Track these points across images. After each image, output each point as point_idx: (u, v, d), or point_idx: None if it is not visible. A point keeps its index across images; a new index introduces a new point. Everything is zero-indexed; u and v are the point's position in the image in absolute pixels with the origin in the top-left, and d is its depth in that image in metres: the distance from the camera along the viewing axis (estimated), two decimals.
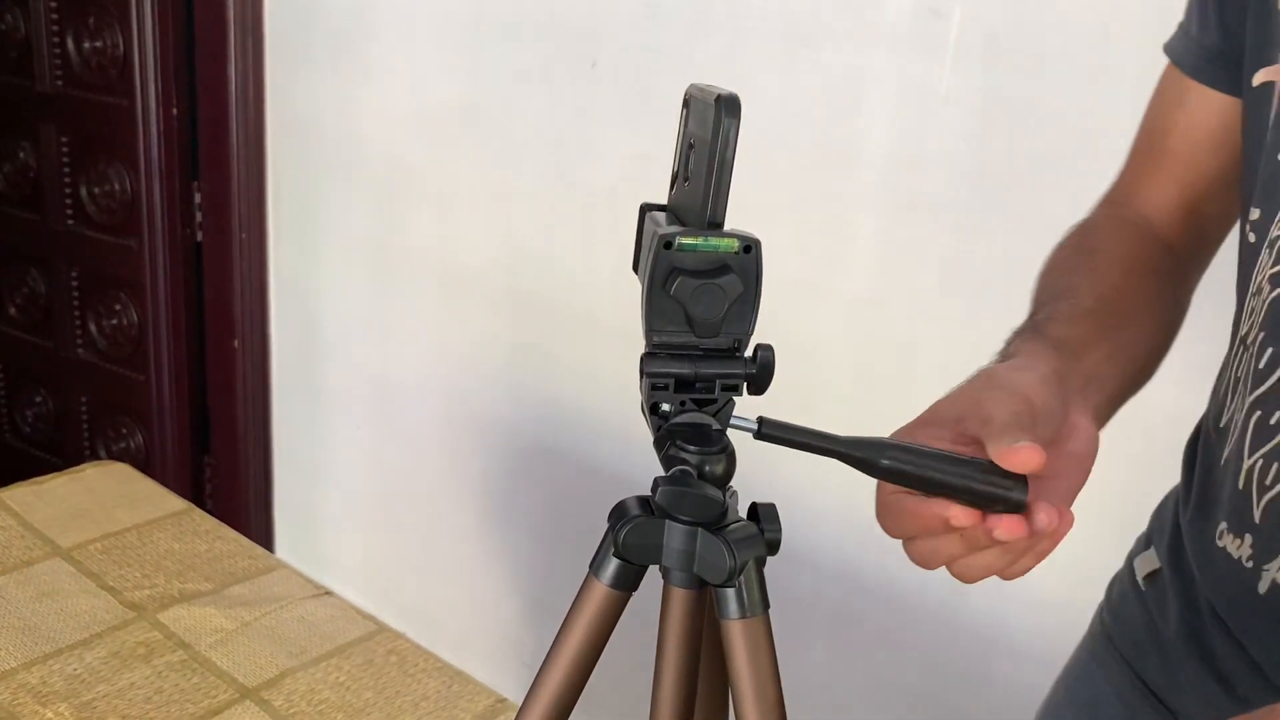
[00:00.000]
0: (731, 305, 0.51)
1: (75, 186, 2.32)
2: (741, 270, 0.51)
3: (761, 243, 0.51)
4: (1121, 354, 0.66)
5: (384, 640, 1.16)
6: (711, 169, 0.50)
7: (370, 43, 1.87)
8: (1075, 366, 0.60)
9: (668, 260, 0.50)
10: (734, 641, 0.55)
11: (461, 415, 1.94)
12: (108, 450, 2.49)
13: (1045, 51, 1.22)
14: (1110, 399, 0.64)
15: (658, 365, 0.52)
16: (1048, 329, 0.63)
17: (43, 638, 1.10)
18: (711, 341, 0.52)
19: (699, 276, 0.50)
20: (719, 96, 0.50)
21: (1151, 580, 0.77)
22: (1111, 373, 0.64)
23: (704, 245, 0.50)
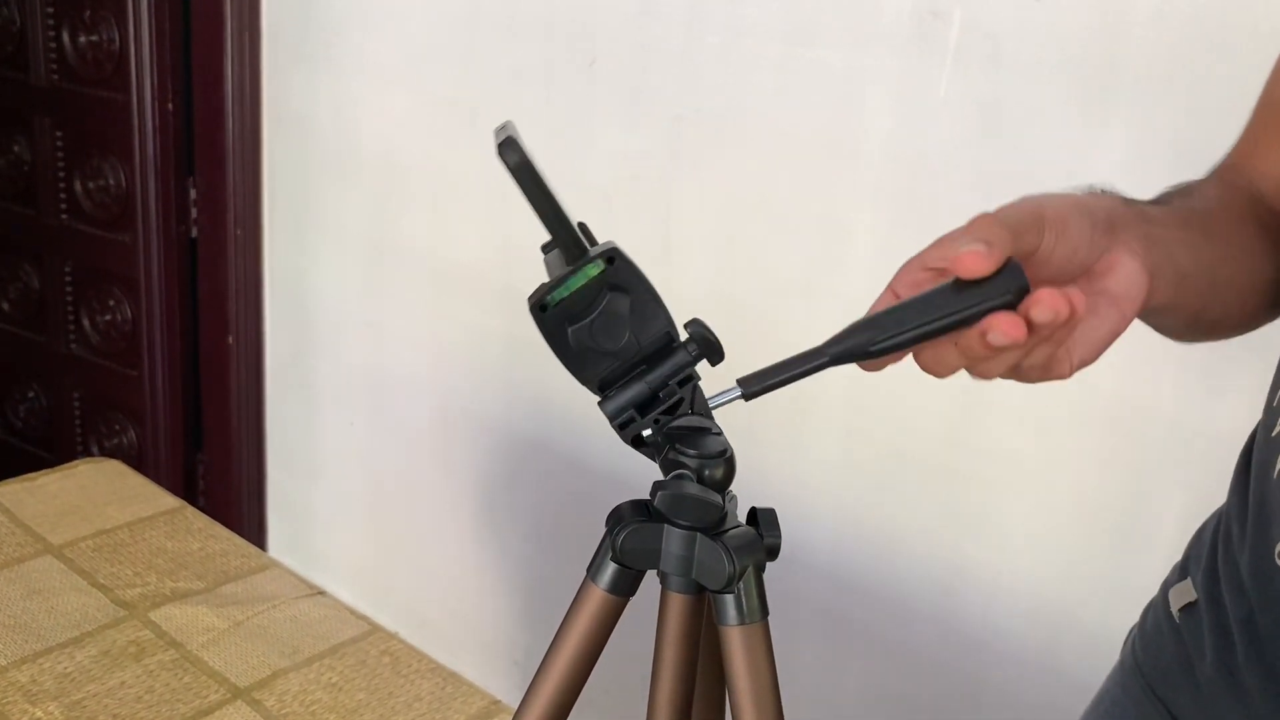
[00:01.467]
0: (633, 315, 0.51)
1: (70, 181, 2.30)
2: (618, 282, 0.50)
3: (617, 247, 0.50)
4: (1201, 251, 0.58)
5: (377, 641, 1.16)
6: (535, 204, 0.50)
7: (366, 39, 1.87)
8: (1141, 224, 0.54)
9: (550, 321, 0.50)
10: (732, 648, 0.54)
11: (456, 413, 1.93)
12: (100, 446, 2.47)
13: (1045, 53, 1.22)
14: (1180, 276, 0.56)
15: (613, 404, 0.52)
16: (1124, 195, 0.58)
17: (33, 636, 1.09)
18: (644, 350, 0.51)
19: (585, 315, 0.50)
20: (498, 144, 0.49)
21: (1187, 612, 0.73)
22: (1186, 254, 0.57)
23: (570, 286, 0.50)
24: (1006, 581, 1.37)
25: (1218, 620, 0.69)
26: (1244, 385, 1.16)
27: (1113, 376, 1.24)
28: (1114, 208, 0.54)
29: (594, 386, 0.52)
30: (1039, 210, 0.50)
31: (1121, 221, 0.53)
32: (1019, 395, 1.30)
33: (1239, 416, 1.15)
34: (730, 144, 1.48)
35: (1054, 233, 0.50)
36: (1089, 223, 0.51)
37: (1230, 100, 1.13)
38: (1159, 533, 1.23)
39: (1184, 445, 1.21)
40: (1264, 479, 0.66)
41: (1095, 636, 1.30)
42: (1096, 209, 0.53)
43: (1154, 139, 1.17)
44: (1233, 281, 0.63)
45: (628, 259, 0.50)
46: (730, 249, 1.50)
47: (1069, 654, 1.33)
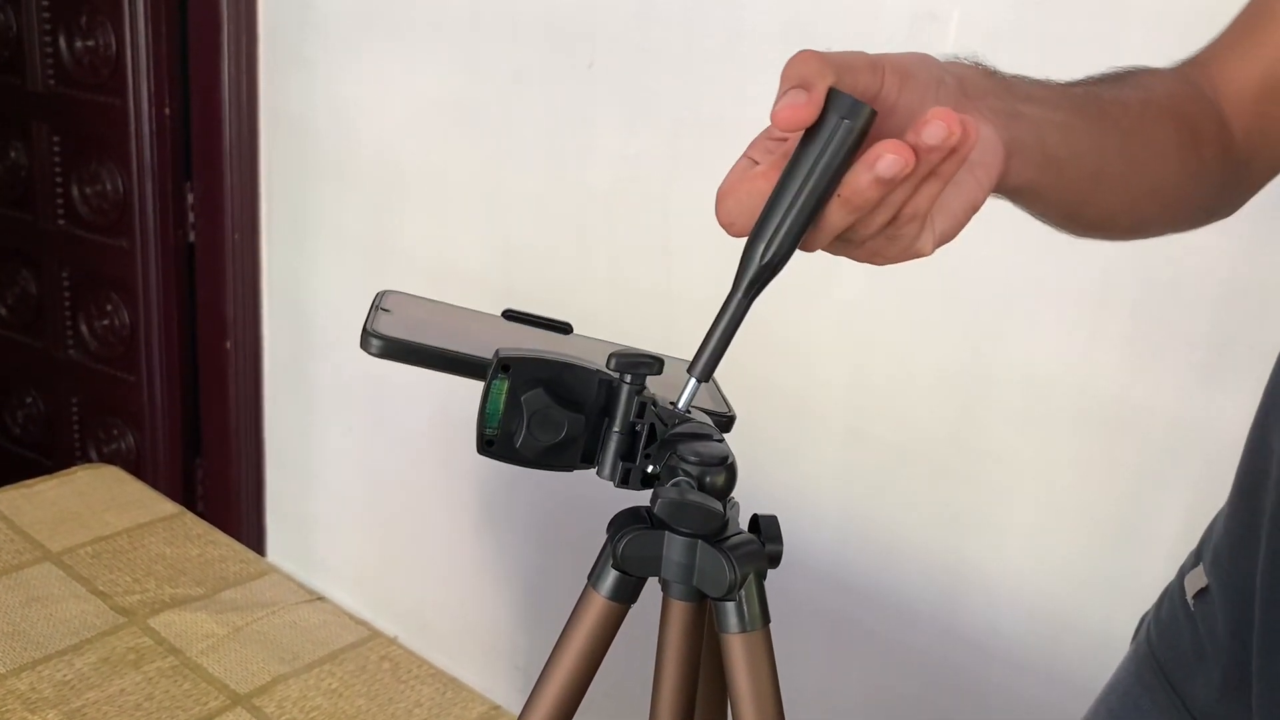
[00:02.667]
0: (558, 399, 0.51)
1: (67, 186, 2.30)
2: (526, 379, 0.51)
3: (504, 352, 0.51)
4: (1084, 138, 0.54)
5: (377, 646, 1.15)
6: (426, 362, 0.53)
7: (364, 42, 1.86)
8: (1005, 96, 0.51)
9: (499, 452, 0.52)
10: (734, 655, 0.54)
11: (455, 418, 1.93)
12: (98, 452, 2.47)
13: (1043, 56, 1.21)
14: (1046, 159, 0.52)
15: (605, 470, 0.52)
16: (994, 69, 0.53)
17: (32, 643, 1.09)
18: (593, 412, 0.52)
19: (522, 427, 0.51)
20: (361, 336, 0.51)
21: (1200, 598, 0.73)
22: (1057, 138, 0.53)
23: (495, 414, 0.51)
24: (1007, 583, 1.36)
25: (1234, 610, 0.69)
26: (1245, 385, 1.15)
27: (1113, 377, 1.23)
28: (970, 75, 0.50)
29: (579, 465, 0.52)
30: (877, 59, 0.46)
31: (976, 90, 0.50)
32: (1019, 396, 1.30)
33: (1240, 417, 1.15)
34: (730, 146, 1.47)
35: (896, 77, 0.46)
36: (935, 79, 0.48)
37: None
38: (1160, 533, 1.23)
39: (1184, 445, 1.21)
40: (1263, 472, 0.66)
41: (1096, 637, 1.30)
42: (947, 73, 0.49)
43: None
44: (1124, 180, 0.59)
45: (521, 355, 0.51)
46: (729, 251, 1.50)
47: (1070, 655, 1.33)
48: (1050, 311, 1.27)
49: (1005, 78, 0.53)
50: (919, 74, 0.47)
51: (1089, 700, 0.86)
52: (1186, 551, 0.81)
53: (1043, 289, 1.27)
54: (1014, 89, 0.53)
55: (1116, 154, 0.57)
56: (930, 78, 0.48)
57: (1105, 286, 1.23)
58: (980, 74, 0.52)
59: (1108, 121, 0.57)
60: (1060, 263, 1.24)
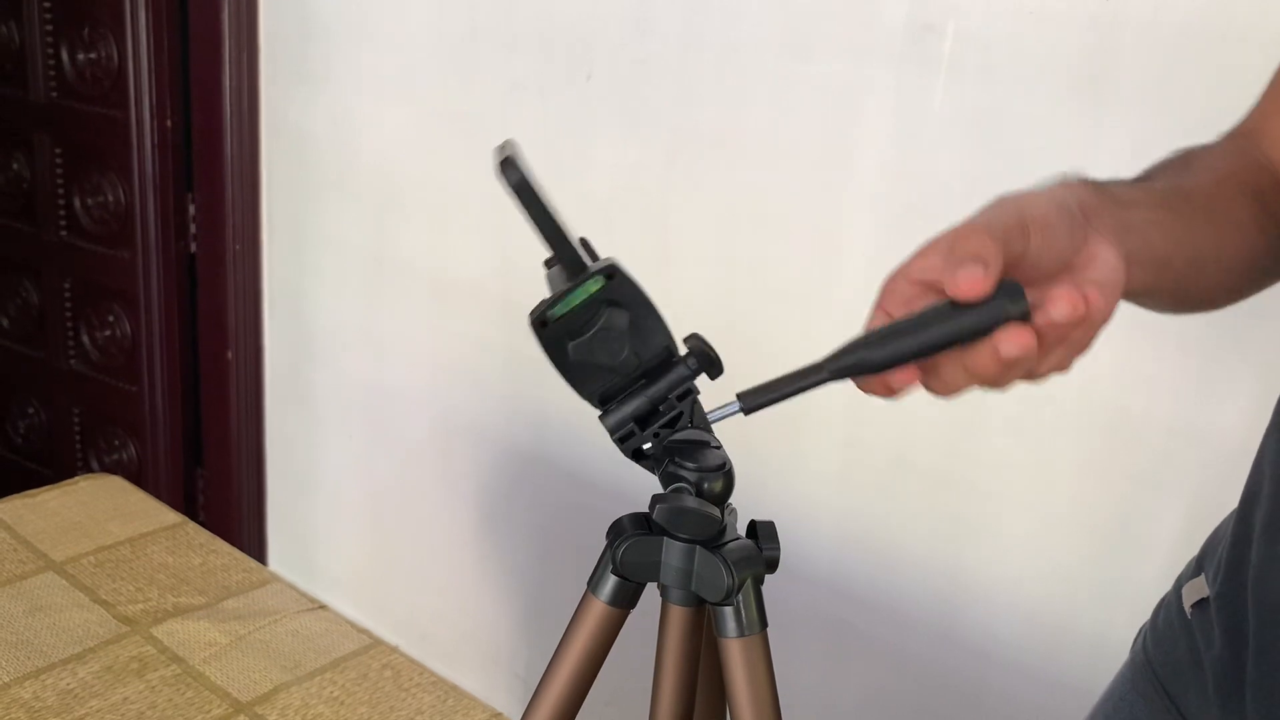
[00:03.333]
0: (632, 330, 0.51)
1: (69, 197, 2.31)
2: (617, 298, 0.51)
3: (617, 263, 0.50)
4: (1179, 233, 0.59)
5: (379, 654, 1.16)
6: (534, 221, 0.50)
7: (364, 54, 1.87)
8: (1114, 210, 0.54)
9: (550, 336, 0.50)
10: (732, 659, 0.55)
11: (455, 426, 1.93)
12: (100, 462, 2.48)
13: (1039, 66, 1.23)
14: (1154, 260, 0.56)
15: (613, 418, 0.52)
16: (1104, 185, 0.58)
17: (35, 652, 1.09)
18: (643, 366, 0.52)
19: (584, 331, 0.50)
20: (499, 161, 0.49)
21: (1199, 609, 0.73)
22: (1160, 237, 0.57)
23: (570, 302, 0.50)
24: (1006, 589, 1.37)
25: (1228, 619, 0.69)
26: (1242, 392, 1.16)
27: (1111, 384, 1.24)
28: (1086, 197, 0.54)
29: (595, 401, 0.52)
30: (1022, 213, 0.50)
31: (1094, 211, 0.53)
32: (1017, 404, 1.31)
33: (1237, 424, 1.16)
34: (727, 157, 1.49)
35: (1039, 234, 0.50)
36: (1068, 217, 0.51)
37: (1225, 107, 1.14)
38: (1158, 540, 1.24)
39: (1182, 453, 1.22)
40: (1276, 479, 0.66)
41: (1094, 644, 1.30)
42: (1071, 203, 0.52)
43: (1150, 147, 1.17)
44: (1219, 259, 0.63)
45: (627, 275, 0.51)
46: (727, 260, 1.51)
47: (1068, 661, 1.33)
48: None
49: (1107, 188, 0.57)
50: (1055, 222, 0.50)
51: (1086, 706, 0.87)
52: (1184, 558, 0.82)
53: None
54: (1118, 199, 0.56)
55: (1207, 238, 0.61)
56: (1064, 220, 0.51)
57: None
58: (1089, 190, 0.55)
59: (1194, 210, 0.61)
60: None
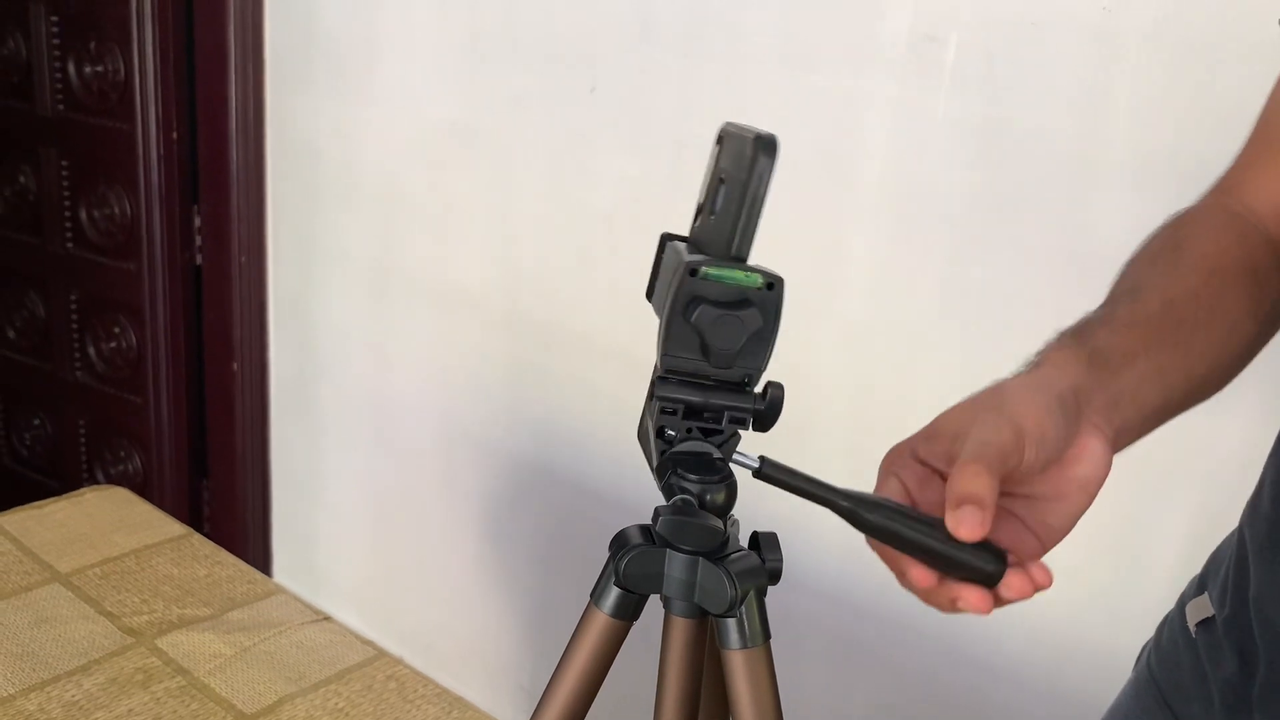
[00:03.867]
0: (749, 339, 0.51)
1: (75, 210, 2.32)
2: (762, 306, 0.51)
3: (784, 281, 0.51)
4: (1171, 371, 0.61)
5: (383, 666, 1.16)
6: (742, 205, 0.50)
7: (370, 66, 1.88)
8: (1106, 381, 0.57)
9: (691, 288, 0.51)
10: (735, 671, 0.55)
11: (460, 437, 1.94)
12: (106, 473, 2.48)
13: (1041, 76, 1.23)
14: (1147, 417, 0.60)
15: (669, 390, 0.52)
16: (1093, 334, 0.60)
17: (41, 664, 1.10)
18: (724, 373, 0.52)
19: (720, 307, 0.51)
20: (757, 136, 0.50)
21: (1204, 627, 0.74)
22: (1154, 390, 0.60)
23: (728, 277, 0.51)
24: None
25: (1237, 638, 0.69)
26: (1247, 404, 1.16)
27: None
28: (1078, 378, 0.56)
29: (664, 362, 0.52)
30: (1017, 429, 0.52)
31: (1087, 395, 0.55)
32: None
33: (1242, 436, 1.15)
34: None
35: (1033, 448, 0.52)
36: (1061, 418, 0.53)
37: (1226, 117, 1.14)
38: (1163, 553, 1.24)
39: (1187, 464, 1.21)
40: None
41: (1100, 656, 1.30)
42: (1065, 394, 0.54)
43: (1152, 157, 1.18)
44: (1214, 369, 0.65)
45: (782, 295, 0.51)
46: None
47: (1073, 673, 1.33)
48: (1051, 328, 1.28)
49: (1100, 351, 0.59)
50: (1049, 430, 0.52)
51: (1092, 718, 0.86)
52: (1189, 572, 0.82)
53: (1042, 308, 1.27)
54: (1111, 363, 0.58)
55: (1203, 358, 0.63)
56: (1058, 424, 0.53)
57: None
58: (1082, 366, 0.57)
59: (1187, 329, 0.62)
60: (1060, 282, 1.25)
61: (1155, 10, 1.14)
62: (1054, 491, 0.53)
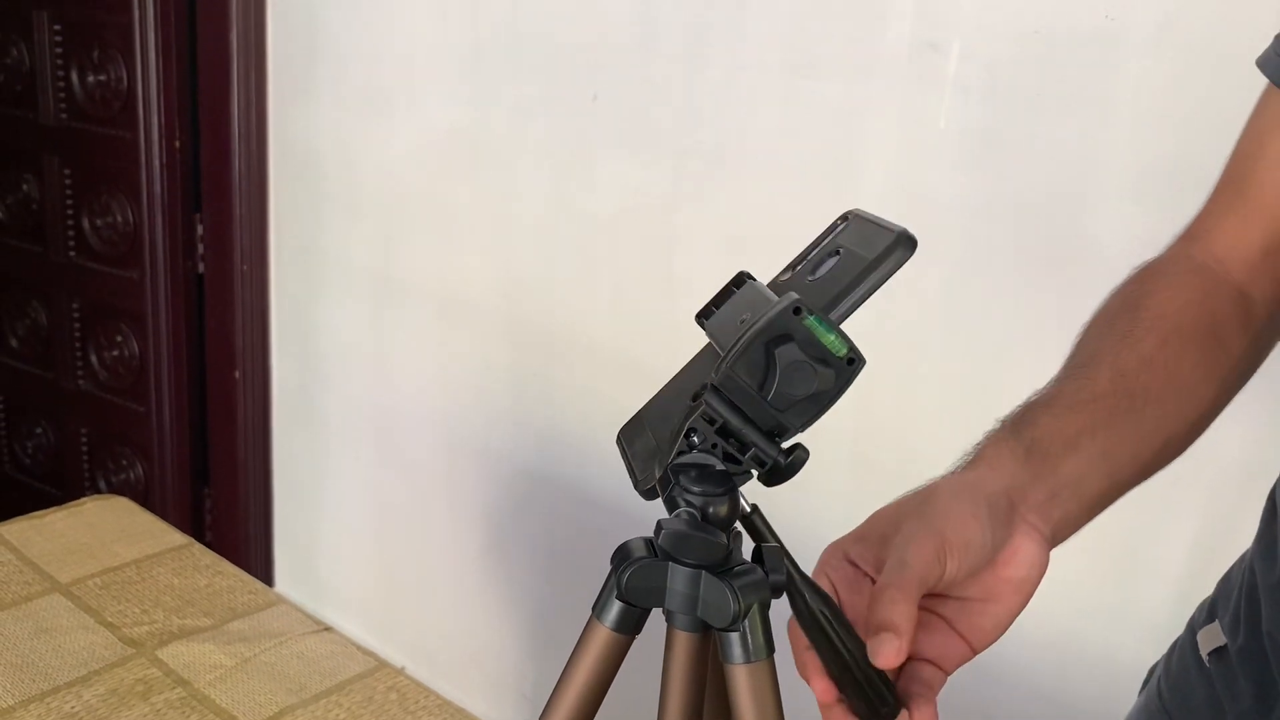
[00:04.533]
0: (809, 396, 0.51)
1: (78, 218, 2.32)
2: (838, 375, 0.51)
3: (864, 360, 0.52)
4: (1120, 452, 0.60)
5: (384, 677, 1.15)
6: (859, 282, 0.52)
7: (372, 74, 1.88)
8: (1045, 475, 0.56)
9: (787, 324, 0.51)
10: (738, 686, 0.54)
11: (462, 445, 1.93)
12: (108, 481, 2.48)
13: (1043, 85, 1.23)
14: (1090, 506, 0.59)
15: (717, 402, 0.52)
16: (1033, 422, 0.58)
17: (40, 675, 1.09)
18: (766, 415, 0.52)
19: (804, 352, 0.51)
20: (903, 232, 0.53)
21: (1217, 656, 0.72)
22: (1097, 476, 0.58)
23: (823, 332, 0.51)
24: None
25: (1253, 668, 0.68)
26: (1250, 413, 1.16)
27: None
28: (1014, 478, 0.55)
29: (720, 378, 0.52)
30: (940, 541, 0.51)
31: (1021, 494, 0.54)
32: None
33: (1248, 444, 1.15)
34: (732, 176, 1.49)
35: (955, 559, 0.51)
36: (990, 525, 0.52)
37: (1226, 126, 1.13)
38: (1168, 561, 1.23)
39: (1192, 473, 1.20)
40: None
41: (1104, 665, 1.29)
42: (995, 496, 0.54)
43: (1153, 165, 1.17)
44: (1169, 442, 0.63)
45: (856, 375, 0.52)
46: None
47: (1079, 683, 1.32)
48: (1054, 339, 1.27)
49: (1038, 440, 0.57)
50: (974, 540, 0.52)
51: None
52: (1194, 581, 0.81)
53: (1045, 316, 1.27)
54: (1050, 454, 0.57)
55: (1155, 429, 0.61)
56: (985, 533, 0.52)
57: None
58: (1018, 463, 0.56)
59: (1139, 402, 0.60)
60: (1063, 290, 1.25)
61: (1157, 18, 1.14)
62: (985, 594, 0.53)
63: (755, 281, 0.58)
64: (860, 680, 0.51)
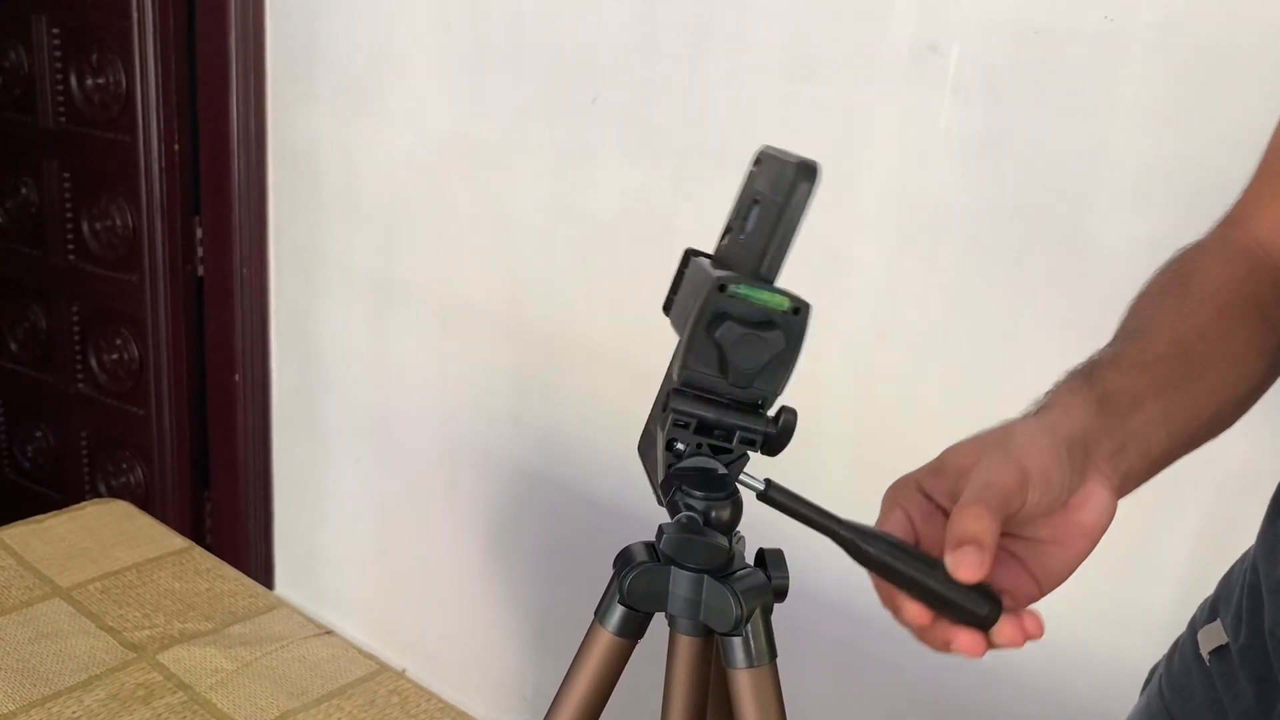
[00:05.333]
0: (769, 361, 0.51)
1: (77, 222, 2.32)
2: (786, 329, 0.51)
3: (811, 308, 0.51)
4: (1182, 411, 0.61)
5: (385, 680, 1.15)
6: (776, 228, 0.50)
7: (371, 77, 1.88)
8: (1114, 427, 0.56)
9: (719, 303, 0.50)
10: (741, 690, 0.54)
11: (462, 449, 1.93)
12: (107, 485, 2.48)
13: (1043, 86, 1.23)
14: (1154, 461, 0.60)
15: (684, 403, 0.52)
16: (1102, 377, 0.59)
17: (41, 679, 1.09)
18: (739, 393, 0.52)
19: (745, 325, 0.50)
20: (800, 162, 0.51)
21: (1218, 655, 0.73)
22: (1161, 433, 0.59)
23: (756, 296, 0.50)
24: None
25: (1254, 668, 0.68)
26: (1256, 412, 1.15)
27: None
28: (1088, 423, 0.55)
29: (681, 374, 0.52)
30: (1023, 470, 0.51)
31: (1095, 442, 0.55)
32: None
33: (1252, 444, 1.15)
34: (733, 178, 1.48)
35: (1037, 490, 0.51)
36: (1068, 464, 0.53)
37: (1229, 126, 1.13)
38: (1172, 562, 1.23)
39: (1196, 473, 1.20)
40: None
41: (1108, 666, 1.29)
42: (1073, 439, 0.54)
43: (1154, 166, 1.17)
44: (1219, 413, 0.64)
45: (807, 321, 0.51)
46: None
47: (1082, 684, 1.32)
48: (1055, 340, 1.27)
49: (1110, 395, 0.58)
50: (1054, 475, 0.52)
51: None
52: (1197, 581, 0.81)
53: (1048, 317, 1.27)
54: (1119, 406, 0.57)
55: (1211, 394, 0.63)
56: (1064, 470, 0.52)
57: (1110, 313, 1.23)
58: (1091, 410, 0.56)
59: (1196, 369, 0.62)
60: (1066, 290, 1.25)
61: (1157, 20, 1.14)
62: (1056, 537, 0.53)
63: (699, 257, 0.56)
64: (950, 598, 0.50)
